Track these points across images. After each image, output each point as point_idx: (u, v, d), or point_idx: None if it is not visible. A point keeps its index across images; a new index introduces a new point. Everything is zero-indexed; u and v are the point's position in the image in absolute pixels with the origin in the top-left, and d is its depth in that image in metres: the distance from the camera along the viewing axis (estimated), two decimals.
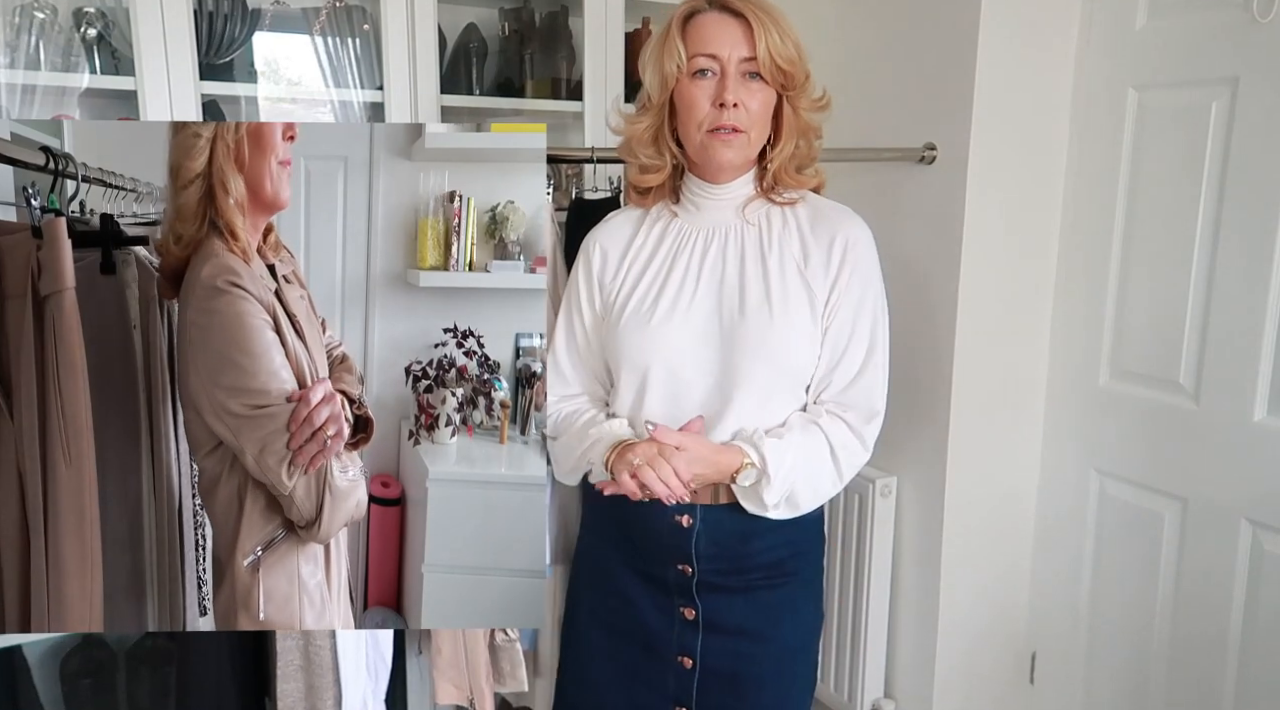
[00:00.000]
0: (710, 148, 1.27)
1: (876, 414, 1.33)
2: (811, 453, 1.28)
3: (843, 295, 1.30)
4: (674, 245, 1.35)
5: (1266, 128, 1.60)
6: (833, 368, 1.31)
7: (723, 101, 1.23)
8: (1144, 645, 1.90)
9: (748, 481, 1.25)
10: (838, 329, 1.30)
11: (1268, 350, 1.63)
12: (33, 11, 1.76)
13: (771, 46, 1.22)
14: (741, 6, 1.24)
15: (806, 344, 1.29)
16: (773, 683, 1.38)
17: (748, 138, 1.27)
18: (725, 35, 1.24)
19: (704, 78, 1.25)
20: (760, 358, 1.27)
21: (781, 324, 1.27)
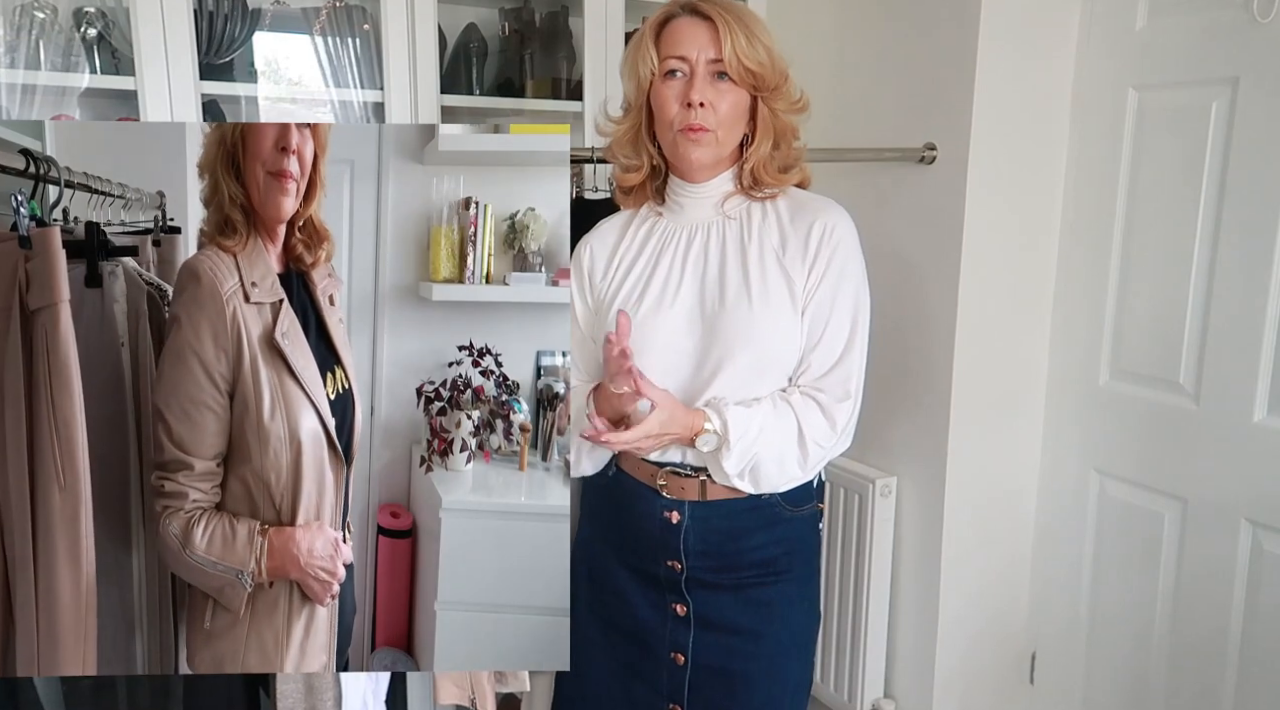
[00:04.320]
0: (680, 146, 1.31)
1: (849, 396, 1.33)
2: (778, 427, 1.29)
3: (820, 281, 1.32)
4: (659, 243, 1.39)
5: (1266, 128, 1.60)
6: (810, 351, 1.32)
7: (689, 101, 1.27)
8: (1144, 645, 1.90)
9: (707, 447, 1.27)
10: (815, 313, 1.32)
11: (1268, 350, 1.63)
12: (33, 11, 1.75)
13: (738, 48, 1.26)
14: (709, 10, 1.27)
15: (787, 332, 1.31)
16: (765, 681, 1.39)
17: (716, 137, 1.30)
18: (694, 38, 1.28)
19: (674, 78, 1.29)
20: (741, 346, 1.29)
21: (761, 313, 1.30)
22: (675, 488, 1.36)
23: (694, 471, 1.35)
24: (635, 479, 1.39)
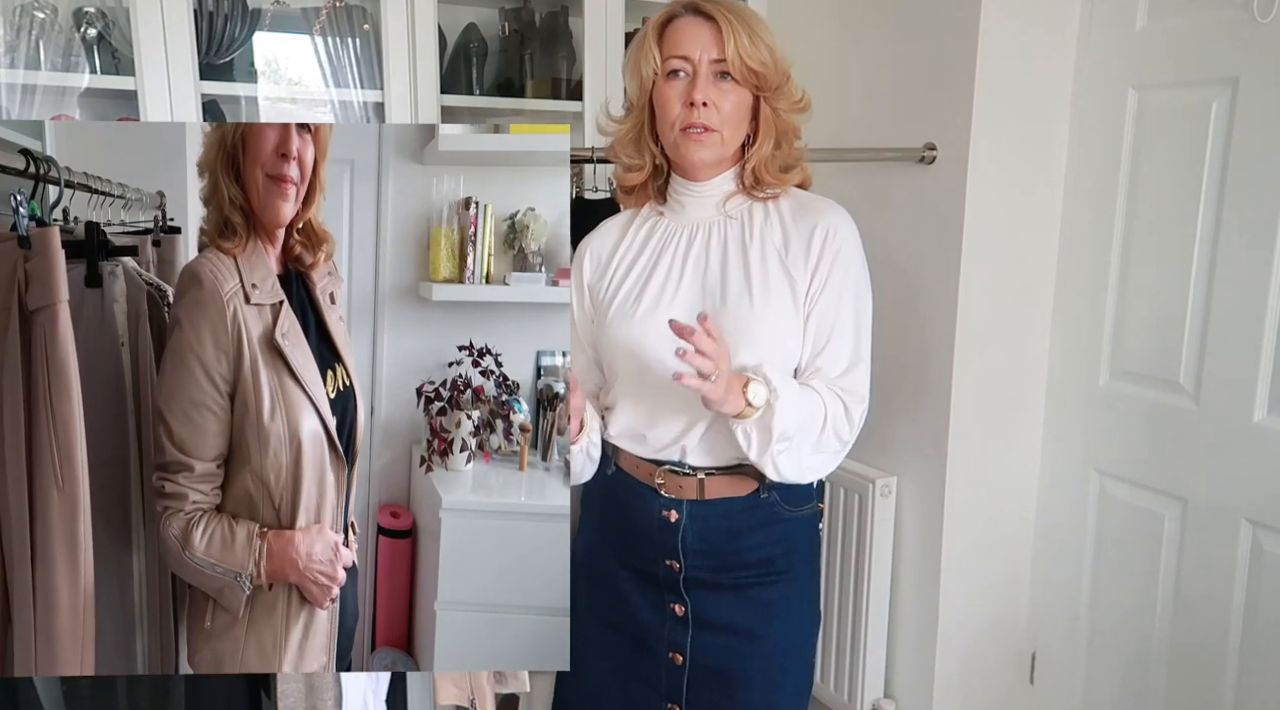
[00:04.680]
0: (683, 146, 1.31)
1: (864, 400, 1.34)
2: (811, 405, 1.28)
3: (825, 283, 1.31)
4: (659, 242, 1.39)
5: (1266, 128, 1.60)
6: (818, 353, 1.32)
7: (692, 100, 1.27)
8: (1144, 645, 1.90)
9: (759, 399, 1.21)
10: (822, 316, 1.32)
11: (1268, 350, 1.63)
12: (33, 11, 1.76)
13: (740, 48, 1.25)
14: (712, 9, 1.27)
15: (788, 331, 1.31)
16: (763, 682, 1.39)
17: (720, 137, 1.30)
18: (697, 37, 1.28)
19: (677, 78, 1.29)
20: (742, 345, 1.28)
21: (762, 312, 1.30)
22: (673, 486, 1.36)
23: (692, 470, 1.35)
24: (633, 478, 1.39)
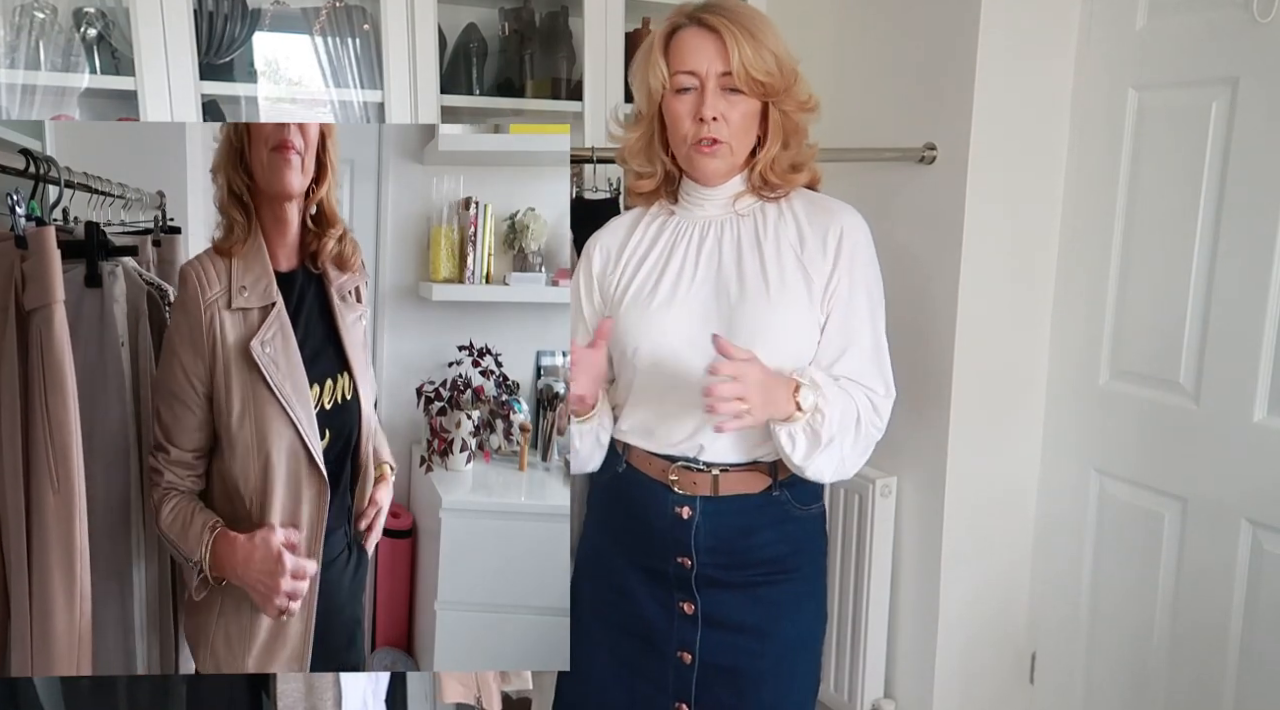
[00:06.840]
0: (695, 160, 1.32)
1: (892, 392, 1.35)
2: (845, 403, 1.28)
3: (842, 282, 1.32)
4: (671, 238, 1.39)
5: (1266, 128, 1.60)
6: (841, 354, 1.32)
7: (702, 116, 1.27)
8: (1144, 645, 1.90)
9: (809, 402, 1.22)
10: (843, 315, 1.32)
11: (1268, 350, 1.63)
12: (33, 11, 1.75)
13: (745, 60, 1.25)
14: (715, 22, 1.27)
15: (804, 327, 1.32)
16: (773, 680, 1.39)
17: (730, 148, 1.30)
18: (702, 51, 1.27)
19: (686, 94, 1.29)
20: (759, 340, 1.28)
21: (780, 307, 1.30)
22: (687, 483, 1.35)
23: (706, 466, 1.34)
24: (646, 475, 1.39)
